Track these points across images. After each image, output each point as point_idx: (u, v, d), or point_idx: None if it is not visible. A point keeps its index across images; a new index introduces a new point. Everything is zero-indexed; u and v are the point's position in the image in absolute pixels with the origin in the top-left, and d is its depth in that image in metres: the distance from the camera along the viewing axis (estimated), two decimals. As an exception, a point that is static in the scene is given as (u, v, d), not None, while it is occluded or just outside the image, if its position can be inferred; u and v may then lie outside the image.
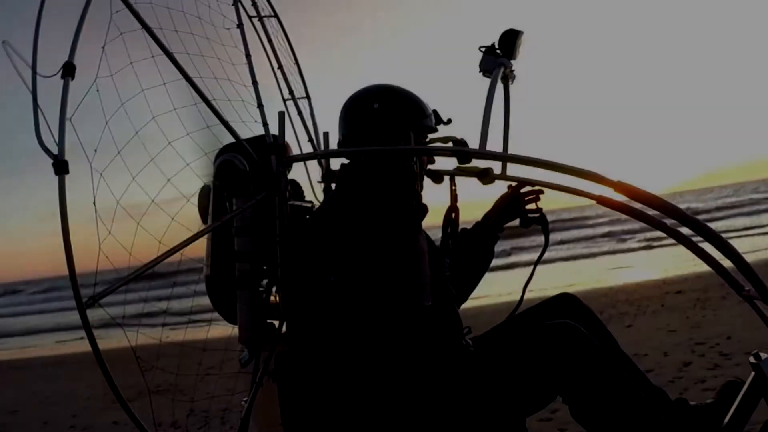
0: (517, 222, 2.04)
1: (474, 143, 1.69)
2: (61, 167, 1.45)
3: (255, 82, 1.87)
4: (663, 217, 1.63)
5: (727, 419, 1.72)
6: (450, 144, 1.77)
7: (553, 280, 10.58)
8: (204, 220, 1.88)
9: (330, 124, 2.35)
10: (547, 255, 2.02)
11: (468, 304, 2.04)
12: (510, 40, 1.84)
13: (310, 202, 2.04)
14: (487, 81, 1.80)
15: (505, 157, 1.73)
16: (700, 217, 1.70)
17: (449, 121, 1.77)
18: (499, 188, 2.03)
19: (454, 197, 1.90)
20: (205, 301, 1.85)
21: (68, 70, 1.49)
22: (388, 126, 1.68)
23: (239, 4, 2.00)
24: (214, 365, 1.95)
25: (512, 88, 2.00)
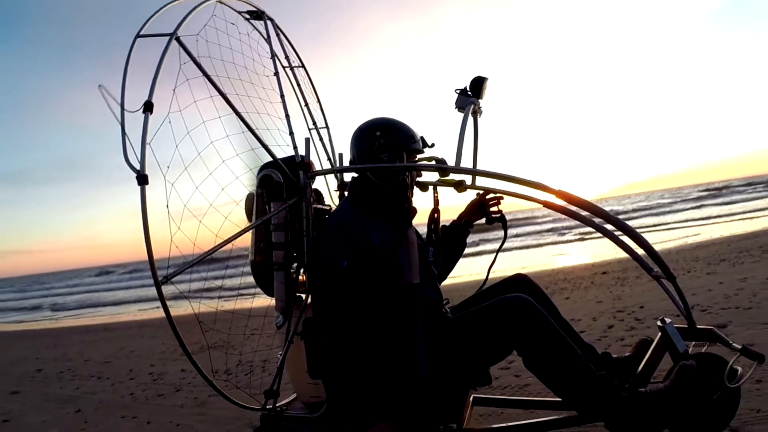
0: (483, 220, 2.04)
1: (451, 161, 1.70)
2: (142, 179, 1.46)
3: (287, 116, 1.87)
4: (593, 217, 1.63)
5: (640, 368, 1.72)
6: (433, 162, 1.77)
7: (510, 264, 10.61)
8: (249, 219, 1.88)
9: (343, 146, 2.36)
10: (505, 245, 2.02)
11: (447, 282, 2.04)
12: (478, 84, 1.84)
13: (329, 205, 2.05)
14: (461, 115, 1.81)
15: (474, 172, 1.73)
16: (620, 216, 1.70)
17: (432, 145, 1.78)
18: (470, 195, 2.03)
19: (436, 202, 1.90)
20: (250, 279, 1.85)
21: (148, 107, 1.50)
22: (387, 149, 1.68)
23: (276, 58, 2.00)
24: (257, 327, 1.94)
25: (480, 120, 2.00)
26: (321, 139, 2.42)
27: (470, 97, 1.84)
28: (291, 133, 1.85)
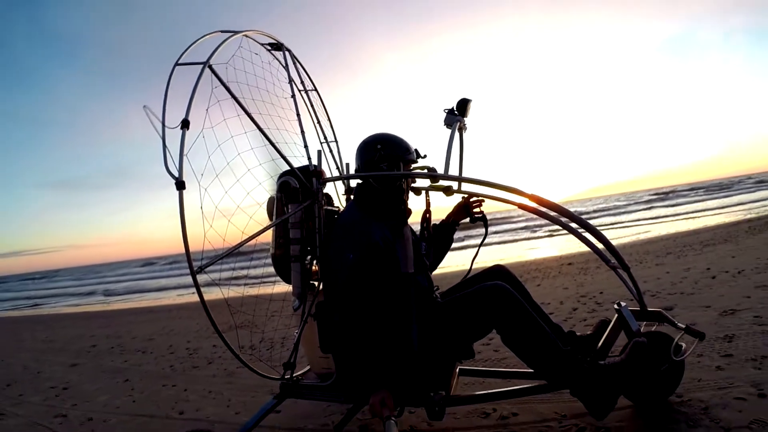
0: (467, 220, 2.04)
1: (441, 170, 1.70)
2: (180, 185, 1.46)
3: (302, 132, 1.87)
4: (560, 217, 1.63)
5: (600, 344, 1.72)
6: (425, 170, 1.77)
7: (490, 256, 10.61)
8: (270, 218, 1.88)
9: (349, 157, 2.36)
10: (486, 241, 2.02)
11: (437, 271, 2.04)
12: (463, 104, 1.84)
13: (337, 207, 2.05)
14: (449, 131, 1.80)
15: (460, 179, 1.72)
16: (583, 216, 1.70)
17: (425, 156, 1.77)
18: (457, 198, 2.03)
19: (428, 204, 1.90)
20: (271, 269, 1.85)
21: (185, 124, 1.50)
22: (387, 159, 1.68)
23: (293, 82, 2.00)
24: (277, 310, 1.94)
25: (464, 135, 2.00)
26: (331, 151, 2.43)
27: (456, 116, 1.84)
28: (305, 146, 1.85)
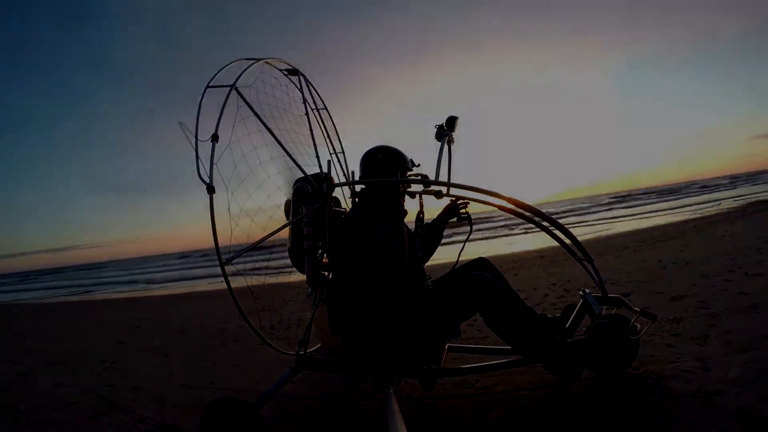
0: (455, 219, 2.04)
1: (432, 177, 1.70)
2: (211, 190, 1.46)
3: (314, 144, 1.87)
4: (533, 216, 1.63)
5: (567, 325, 1.72)
6: (419, 177, 1.77)
7: (474, 250, 10.59)
8: (287, 218, 1.87)
9: (354, 165, 2.35)
10: (471, 237, 2.02)
11: (429, 263, 2.04)
12: (451, 121, 1.84)
13: (344, 208, 2.04)
14: (439, 144, 1.80)
15: (449, 184, 1.72)
16: (553, 216, 1.69)
17: (419, 165, 1.78)
18: (446, 200, 2.02)
19: (421, 206, 1.90)
20: (288, 261, 1.85)
21: (214, 138, 1.50)
22: (386, 167, 1.68)
23: (306, 102, 2.00)
24: (293, 296, 1.94)
25: (452, 147, 2.00)
26: (339, 160, 2.42)
27: (446, 131, 1.84)
28: (317, 156, 1.85)
